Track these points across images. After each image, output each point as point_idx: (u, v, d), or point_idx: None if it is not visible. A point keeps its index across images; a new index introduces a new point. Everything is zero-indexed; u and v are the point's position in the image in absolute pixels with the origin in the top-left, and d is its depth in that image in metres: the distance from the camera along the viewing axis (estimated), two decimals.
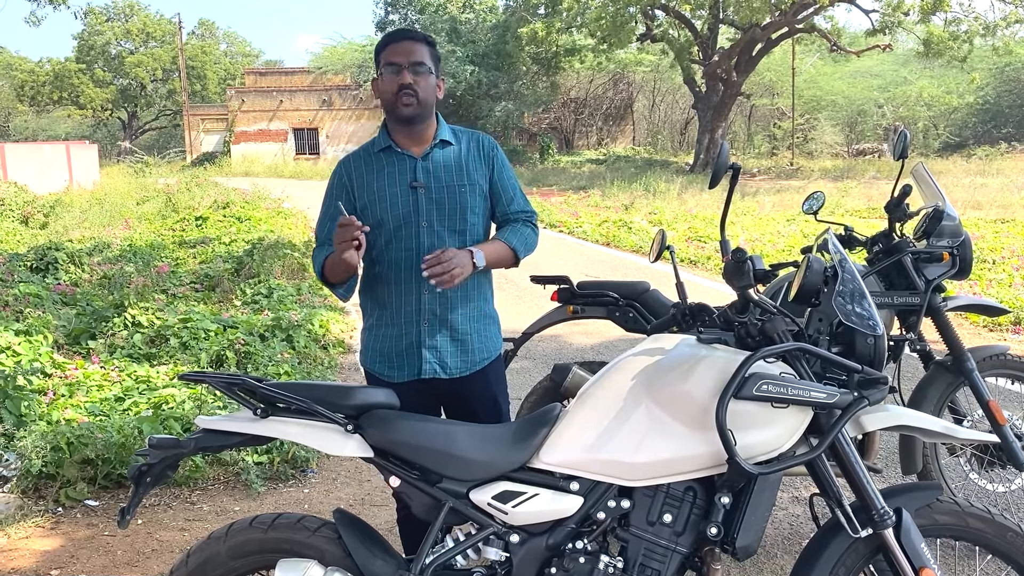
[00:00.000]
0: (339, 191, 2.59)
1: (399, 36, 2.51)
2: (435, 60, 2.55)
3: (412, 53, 2.48)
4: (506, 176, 2.65)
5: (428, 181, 2.54)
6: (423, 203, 2.52)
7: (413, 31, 2.54)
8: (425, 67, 2.49)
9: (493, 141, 2.67)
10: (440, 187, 2.54)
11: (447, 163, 2.57)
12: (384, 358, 2.61)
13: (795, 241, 11.93)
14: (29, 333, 6.20)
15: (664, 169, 26.91)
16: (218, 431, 2.18)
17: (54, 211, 15.69)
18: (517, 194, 2.67)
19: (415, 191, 2.52)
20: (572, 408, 2.16)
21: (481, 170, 2.60)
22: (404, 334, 2.57)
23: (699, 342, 2.17)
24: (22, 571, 3.36)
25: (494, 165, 2.62)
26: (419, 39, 2.52)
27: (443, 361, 2.58)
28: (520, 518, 2.10)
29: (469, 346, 2.61)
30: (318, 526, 2.19)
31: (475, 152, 2.61)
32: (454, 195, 2.54)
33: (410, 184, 2.53)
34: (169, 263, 10.18)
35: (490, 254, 2.55)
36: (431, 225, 2.52)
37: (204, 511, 3.91)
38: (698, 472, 2.07)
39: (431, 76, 2.51)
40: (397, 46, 2.49)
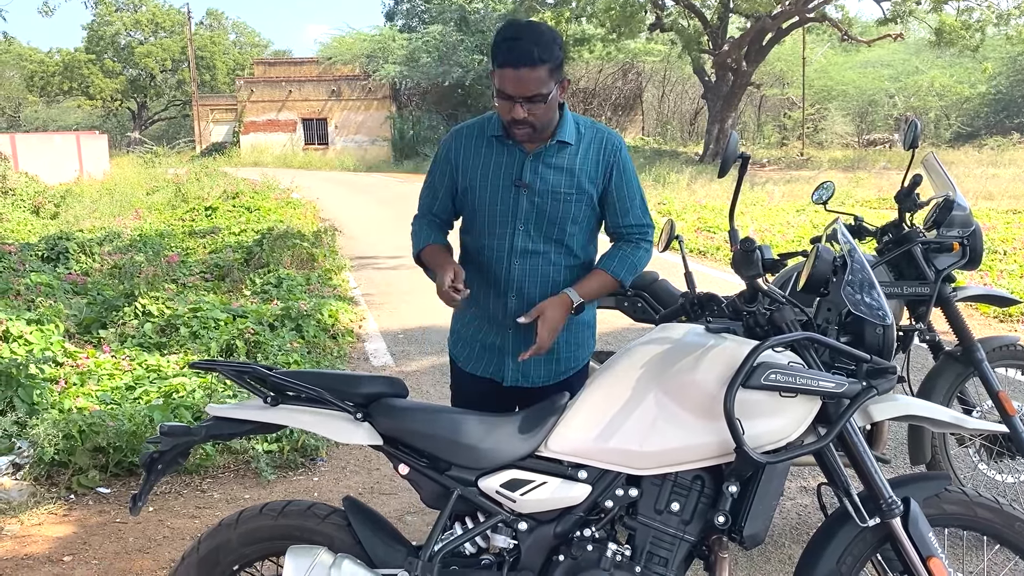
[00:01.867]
0: (444, 166, 2.53)
1: (514, 61, 2.20)
2: (558, 68, 2.27)
3: (528, 85, 2.21)
4: (624, 184, 2.43)
5: (533, 182, 2.39)
6: (523, 205, 2.40)
7: (531, 51, 2.19)
8: (543, 96, 2.24)
9: (619, 142, 2.44)
10: (545, 191, 2.39)
11: (558, 166, 2.39)
12: (467, 347, 2.61)
13: (805, 231, 11.88)
14: (41, 322, 6.24)
15: (673, 159, 26.82)
16: (229, 419, 2.20)
17: (65, 201, 15.74)
18: (635, 205, 2.46)
19: (518, 190, 2.39)
20: (580, 397, 2.17)
21: (596, 178, 2.41)
22: (489, 333, 2.53)
23: (707, 331, 2.17)
24: (35, 557, 3.39)
25: (613, 172, 2.41)
26: (539, 62, 2.20)
27: (526, 371, 2.52)
28: (528, 506, 2.11)
29: (557, 355, 2.54)
30: (327, 513, 2.21)
31: (594, 156, 2.40)
32: (558, 203, 2.39)
33: (514, 181, 2.39)
34: (179, 253, 10.22)
35: (591, 291, 2.45)
36: (528, 230, 2.41)
37: (214, 499, 3.94)
38: (706, 461, 2.07)
39: (552, 97, 2.28)
40: (511, 73, 2.21)
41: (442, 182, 2.54)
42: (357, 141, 36.18)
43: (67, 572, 3.27)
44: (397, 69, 33.95)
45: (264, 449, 4.36)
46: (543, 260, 2.45)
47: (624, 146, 2.44)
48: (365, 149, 35.57)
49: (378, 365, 6.23)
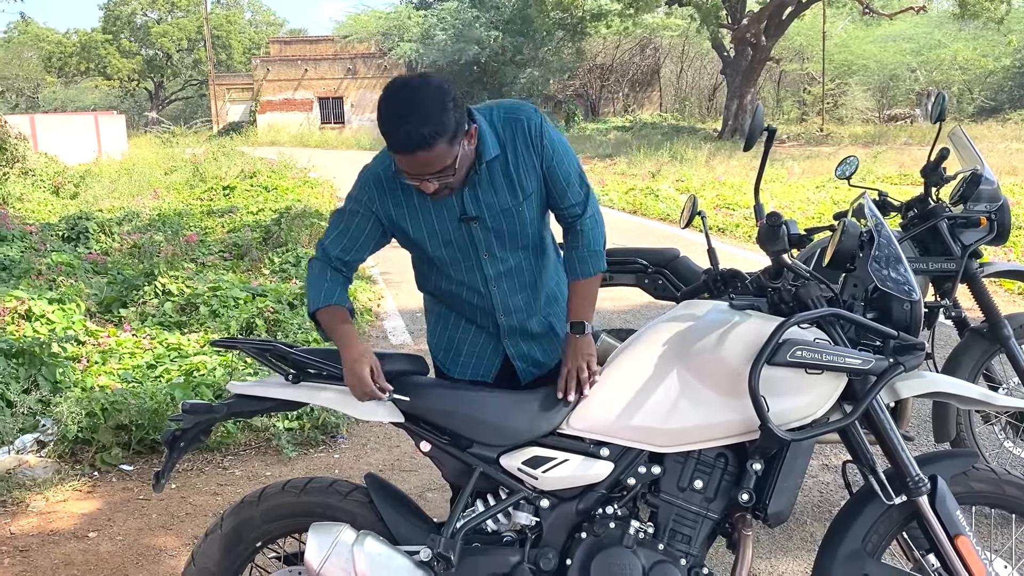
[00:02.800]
0: (365, 219, 2.23)
1: (404, 148, 1.98)
2: (457, 132, 2.00)
3: (429, 165, 2.00)
4: (557, 161, 2.20)
5: (480, 211, 2.19)
6: (479, 235, 2.23)
7: (419, 134, 1.94)
8: (450, 167, 2.02)
9: (538, 119, 2.19)
10: (495, 215, 2.20)
11: (497, 184, 2.18)
12: (458, 357, 2.42)
13: (825, 208, 11.76)
14: (62, 301, 6.28)
15: (692, 136, 26.60)
16: (250, 396, 2.20)
17: (84, 181, 15.81)
18: (572, 179, 2.23)
19: (467, 225, 2.21)
20: (602, 374, 2.15)
21: (533, 170, 2.20)
22: (486, 343, 2.40)
23: (731, 308, 2.15)
24: (61, 532, 3.43)
25: (543, 152, 2.18)
26: (432, 141, 1.95)
27: (536, 361, 2.41)
28: (550, 483, 2.10)
29: (557, 335, 2.42)
30: (350, 490, 2.21)
31: (523, 148, 2.17)
32: (512, 217, 2.22)
33: (459, 218, 2.20)
34: (198, 232, 10.25)
35: (586, 308, 2.30)
36: (493, 254, 2.26)
37: (236, 476, 3.96)
38: (730, 439, 2.06)
39: (462, 157, 2.05)
40: (406, 159, 2.00)
41: (362, 231, 2.24)
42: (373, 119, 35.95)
43: (92, 548, 3.30)
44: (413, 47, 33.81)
45: (285, 427, 4.38)
46: (517, 272, 2.31)
47: (543, 118, 2.20)
48: None
49: (397, 343, 6.24)
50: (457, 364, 2.41)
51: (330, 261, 2.25)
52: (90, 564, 3.19)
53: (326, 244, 2.27)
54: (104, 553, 3.26)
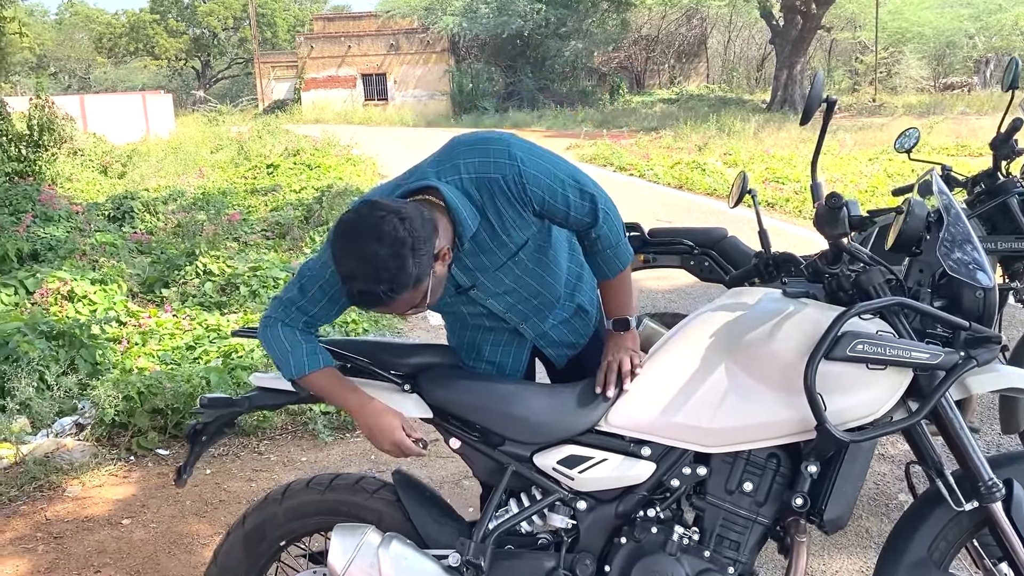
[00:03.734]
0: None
1: (359, 305, 1.84)
2: (423, 274, 1.74)
3: (397, 311, 1.83)
4: (549, 197, 1.91)
5: (474, 279, 2.01)
6: (479, 297, 2.06)
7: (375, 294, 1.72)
8: (421, 305, 1.82)
9: (515, 170, 1.87)
10: (491, 275, 2.01)
11: (486, 249, 1.96)
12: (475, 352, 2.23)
13: (879, 181, 11.38)
14: (104, 282, 6.30)
15: (740, 107, 26.04)
16: (272, 389, 2.10)
17: (131, 160, 15.98)
18: (571, 200, 1.93)
19: (464, 293, 2.05)
20: (644, 367, 2.01)
21: (524, 221, 1.94)
22: (510, 339, 2.21)
23: (785, 296, 1.98)
24: (95, 519, 3.40)
25: (530, 201, 1.90)
26: (392, 296, 1.73)
27: (569, 343, 2.25)
28: (587, 484, 1.97)
29: (583, 308, 2.24)
30: (377, 488, 2.10)
31: (506, 208, 1.90)
32: (511, 270, 2.02)
33: (455, 291, 2.04)
34: (240, 211, 10.26)
35: (622, 303, 2.12)
36: (497, 295, 2.06)
37: (271, 461, 3.90)
38: (782, 439, 1.90)
39: (432, 287, 1.81)
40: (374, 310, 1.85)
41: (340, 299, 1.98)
42: (416, 96, 36.02)
43: (125, 535, 3.27)
44: (455, 21, 33.53)
45: (321, 410, 4.31)
46: (527, 291, 2.08)
47: (519, 160, 1.88)
48: (424, 104, 35.38)
49: (436, 324, 6.14)
50: (482, 362, 2.24)
51: (296, 324, 2.00)
52: (122, 552, 3.15)
53: (298, 306, 1.98)
54: (137, 540, 3.22)
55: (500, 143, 1.91)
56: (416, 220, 1.74)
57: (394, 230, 1.70)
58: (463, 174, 1.89)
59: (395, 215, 1.72)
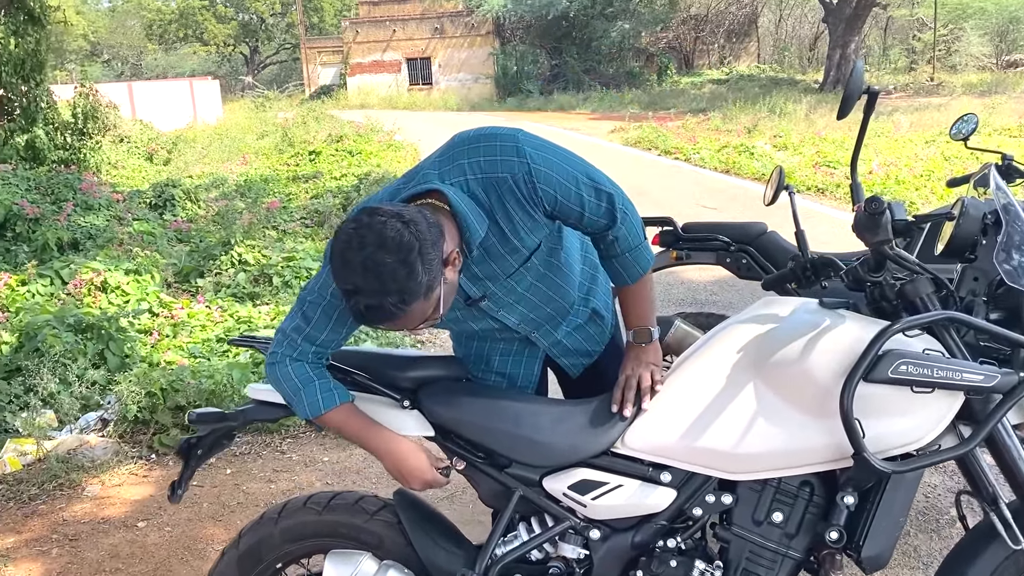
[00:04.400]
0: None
1: (364, 322, 1.68)
2: (434, 282, 1.60)
3: (405, 327, 1.67)
4: (562, 196, 1.75)
5: (484, 289, 1.87)
6: (491, 308, 1.91)
7: (383, 308, 1.57)
8: (433, 316, 1.67)
9: (524, 169, 1.71)
10: (502, 283, 1.87)
11: (496, 255, 1.81)
12: (483, 364, 2.09)
13: (935, 165, 10.93)
14: (139, 272, 6.28)
15: (791, 88, 25.38)
16: (269, 403, 1.97)
17: (176, 147, 16.11)
18: (586, 200, 1.77)
19: (475, 305, 1.90)
20: (665, 384, 1.83)
21: (535, 223, 1.79)
22: (520, 349, 2.08)
23: (821, 307, 1.79)
24: (111, 521, 3.34)
25: (541, 201, 1.74)
26: (399, 311, 1.58)
27: (584, 351, 2.10)
28: (601, 512, 1.81)
29: (598, 313, 2.10)
30: (377, 509, 1.97)
31: (516, 209, 1.75)
32: (523, 277, 1.87)
33: (465, 303, 1.89)
34: (281, 198, 10.23)
35: (642, 313, 1.94)
36: (510, 306, 1.93)
37: (293, 461, 3.81)
38: (816, 466, 1.72)
39: (442, 299, 1.66)
40: (383, 326, 1.68)
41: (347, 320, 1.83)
42: (460, 80, 35.82)
43: (139, 539, 3.19)
44: (500, 3, 33.19)
45: None
46: (540, 298, 1.95)
47: (525, 148, 1.73)
48: (468, 88, 35.19)
49: None
50: (491, 374, 2.09)
51: (305, 356, 1.84)
52: (135, 556, 3.07)
53: (304, 335, 1.82)
54: (151, 545, 3.14)
55: (507, 139, 1.75)
56: (421, 223, 1.59)
57: (398, 235, 1.55)
58: (468, 175, 1.73)
59: (397, 219, 1.57)
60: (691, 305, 5.76)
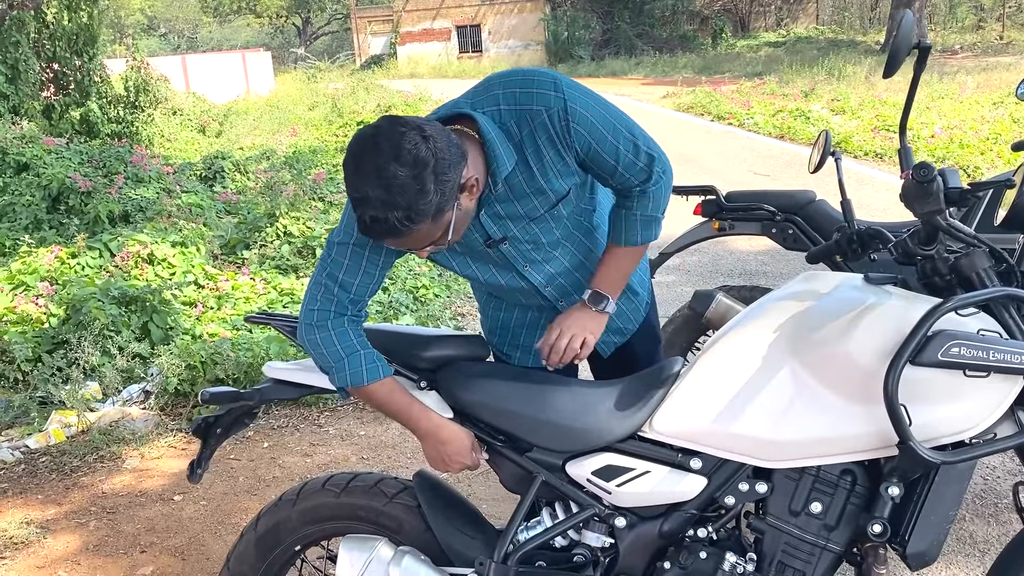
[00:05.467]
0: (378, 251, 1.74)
1: (371, 235, 1.56)
2: (445, 202, 1.52)
3: (414, 244, 1.60)
4: (598, 143, 1.67)
5: (506, 230, 1.77)
6: (512, 253, 1.81)
7: (389, 223, 1.49)
8: (442, 238, 1.60)
9: (560, 104, 1.62)
10: (525, 226, 1.77)
11: (520, 195, 1.72)
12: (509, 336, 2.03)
13: (1003, 128, 10.45)
14: (185, 245, 6.32)
15: (851, 50, 24.56)
16: (287, 382, 1.91)
17: (227, 119, 16.24)
18: (623, 153, 1.69)
19: (495, 247, 1.80)
20: (697, 364, 1.72)
21: (566, 167, 1.70)
22: (544, 319, 2.00)
23: (866, 283, 1.66)
24: (148, 494, 3.35)
25: (574, 143, 1.66)
26: (409, 226, 1.50)
27: (615, 328, 2.01)
28: (627, 499, 1.71)
29: (631, 288, 2.00)
30: (397, 491, 1.90)
31: (547, 147, 1.65)
32: (547, 224, 1.78)
33: (484, 244, 1.80)
34: (327, 170, 10.23)
35: (614, 279, 1.85)
36: (534, 261, 1.85)
37: (330, 435, 3.78)
38: (858, 454, 1.60)
39: (456, 220, 1.59)
40: (387, 241, 1.60)
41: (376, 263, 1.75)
42: (510, 47, 35.46)
43: (175, 512, 3.20)
44: None
45: None
46: (571, 262, 1.89)
47: (566, 95, 1.63)
48: (519, 55, 34.82)
49: None
50: (517, 348, 2.02)
51: (344, 309, 1.75)
52: (171, 530, 3.08)
53: (338, 282, 1.73)
54: (186, 519, 3.14)
55: (545, 76, 1.67)
56: (441, 140, 1.51)
57: (415, 148, 1.47)
58: (502, 105, 1.66)
59: (418, 132, 1.49)
60: (739, 276, 5.59)
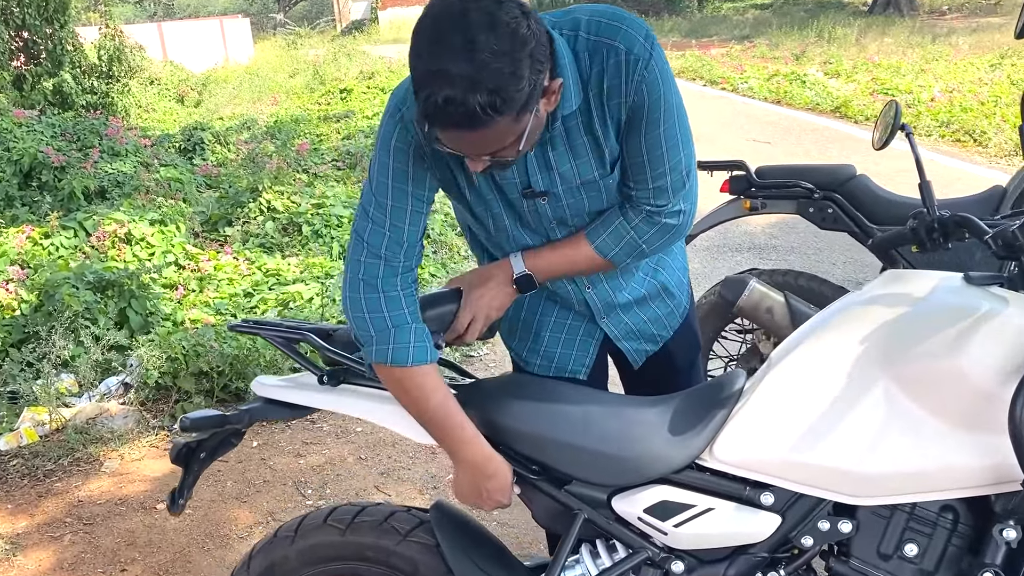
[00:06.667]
0: (418, 167, 1.48)
1: (442, 123, 1.26)
2: (532, 97, 1.27)
3: (478, 146, 1.32)
4: (651, 118, 1.42)
5: (551, 184, 1.51)
6: (547, 211, 1.56)
7: (471, 107, 1.21)
8: (514, 145, 1.32)
9: (646, 53, 1.38)
10: (572, 189, 1.52)
11: (577, 145, 1.48)
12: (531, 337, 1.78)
13: (1001, 90, 10.19)
14: (164, 223, 6.00)
15: (839, 11, 24.18)
16: (279, 402, 1.64)
17: (207, 88, 15.76)
18: (665, 158, 1.46)
19: (532, 200, 1.55)
20: (767, 380, 1.46)
21: (618, 121, 1.45)
22: (571, 318, 1.75)
23: (969, 285, 1.40)
24: (129, 502, 3.09)
25: (635, 102, 1.41)
26: (486, 120, 1.23)
27: (648, 335, 1.76)
28: (686, 540, 1.46)
29: (669, 289, 1.77)
30: (411, 527, 1.64)
31: (612, 92, 1.41)
32: (596, 192, 1.53)
33: (522, 192, 1.54)
34: (311, 140, 9.88)
35: (549, 264, 1.59)
36: (565, 224, 1.59)
37: (323, 432, 3.52)
38: (966, 491, 1.35)
39: (534, 126, 1.32)
40: (452, 135, 1.29)
41: (418, 191, 1.50)
42: None
43: (158, 523, 2.94)
44: None
45: None
46: (619, 270, 1.67)
47: (654, 46, 1.40)
48: None
49: None
50: (538, 354, 1.76)
51: (396, 260, 1.48)
52: (153, 544, 2.82)
53: (386, 225, 1.47)
54: (170, 530, 2.88)
55: (639, 23, 1.42)
56: (539, 23, 1.27)
57: (515, 23, 1.22)
58: (581, 31, 1.41)
59: (516, 5, 1.23)
60: (749, 250, 5.34)
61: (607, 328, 1.74)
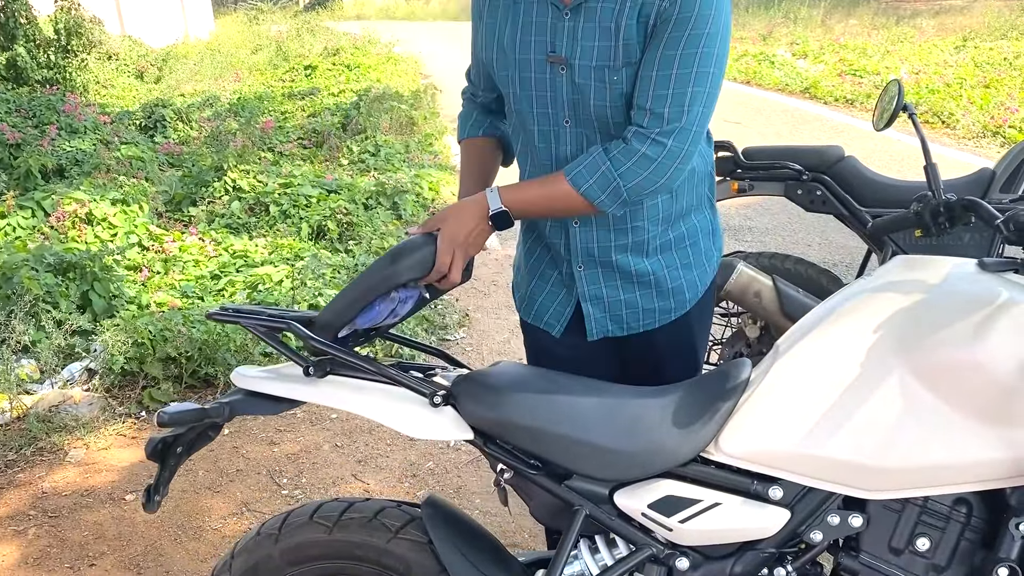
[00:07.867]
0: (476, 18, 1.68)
1: None
2: None
3: None
4: (671, 44, 1.43)
5: (571, 53, 1.52)
6: (562, 90, 1.55)
7: None
8: None
9: None
10: (585, 68, 1.51)
11: (603, 25, 1.48)
12: (528, 300, 1.83)
13: (966, 72, 10.28)
14: (127, 202, 5.82)
15: None
16: (260, 395, 1.56)
17: (167, 64, 15.38)
18: (673, 79, 1.44)
19: (553, 67, 1.55)
20: (774, 369, 1.41)
21: (641, 17, 1.45)
22: (557, 274, 1.75)
23: (983, 271, 1.36)
24: (96, 493, 2.98)
25: (661, 11, 1.43)
26: None
27: (615, 315, 1.72)
28: (691, 536, 1.41)
29: (663, 287, 1.70)
30: (401, 524, 1.57)
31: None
32: (603, 85, 1.51)
33: (547, 56, 1.55)
34: (276, 118, 9.68)
35: (525, 199, 1.58)
36: (575, 127, 1.58)
37: (297, 419, 3.43)
38: (982, 484, 1.31)
39: None
40: None
41: (476, 40, 1.73)
42: None
43: (127, 515, 2.84)
44: None
45: None
46: None
47: None
48: None
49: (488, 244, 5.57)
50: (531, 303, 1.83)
51: (476, 89, 1.84)
52: (123, 538, 2.72)
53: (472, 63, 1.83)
54: (140, 523, 2.79)
55: None
56: None
57: None
58: None
59: None
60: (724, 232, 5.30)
61: (579, 281, 1.71)
